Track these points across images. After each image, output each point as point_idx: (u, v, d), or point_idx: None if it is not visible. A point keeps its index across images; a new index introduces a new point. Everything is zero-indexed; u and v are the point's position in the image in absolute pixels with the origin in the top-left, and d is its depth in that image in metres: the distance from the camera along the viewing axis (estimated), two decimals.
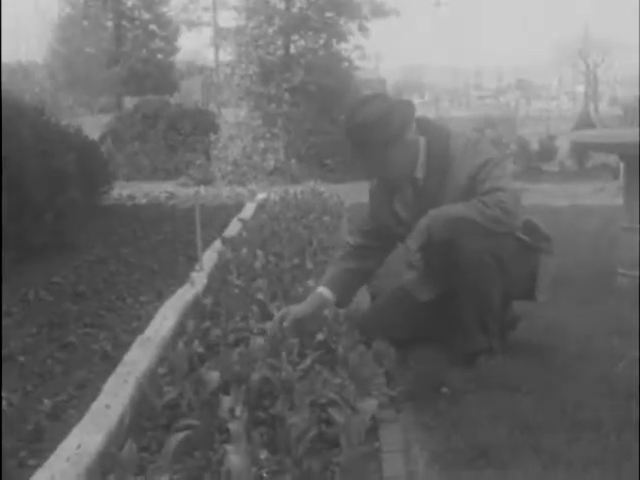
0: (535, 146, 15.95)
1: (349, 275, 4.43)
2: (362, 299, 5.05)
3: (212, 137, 15.82)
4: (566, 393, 3.68)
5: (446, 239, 3.90)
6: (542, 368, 4.03)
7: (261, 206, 9.90)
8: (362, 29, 16.57)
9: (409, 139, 4.04)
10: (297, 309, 4.23)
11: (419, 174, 4.11)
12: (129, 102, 21.67)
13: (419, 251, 3.97)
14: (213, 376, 3.60)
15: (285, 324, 4.11)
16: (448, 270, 4.06)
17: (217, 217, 9.31)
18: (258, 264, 5.86)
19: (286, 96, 15.46)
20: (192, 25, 20.08)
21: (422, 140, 4.11)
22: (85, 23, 36.40)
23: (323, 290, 4.33)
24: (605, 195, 11.45)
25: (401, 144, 4.01)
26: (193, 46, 43.26)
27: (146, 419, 3.43)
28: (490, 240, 3.90)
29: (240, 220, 8.46)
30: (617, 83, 47.78)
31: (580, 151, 15.09)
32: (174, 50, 40.86)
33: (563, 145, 15.95)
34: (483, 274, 3.98)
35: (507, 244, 4.01)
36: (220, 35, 17.63)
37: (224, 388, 3.55)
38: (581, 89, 48.34)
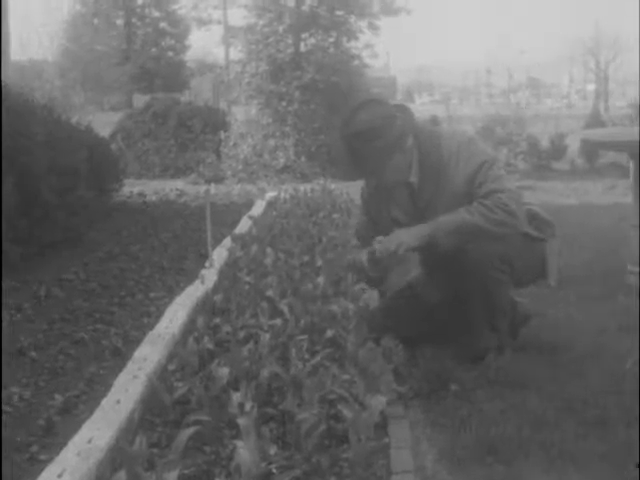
0: (545, 144, 15.92)
1: None
2: (370, 295, 5.06)
3: (222, 135, 15.84)
4: (574, 390, 3.69)
5: (453, 246, 3.87)
6: (551, 365, 4.04)
7: (271, 204, 9.92)
8: (372, 27, 16.56)
9: (408, 145, 3.98)
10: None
11: (413, 179, 4.04)
12: (139, 100, 21.69)
13: (415, 250, 3.92)
14: (223, 372, 3.62)
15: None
16: (453, 275, 4.06)
17: (227, 215, 9.34)
18: (268, 261, 5.88)
19: (296, 94, 15.45)
20: (202, 23, 20.02)
21: (413, 143, 4.04)
22: (96, 21, 36.51)
23: None
24: (615, 193, 11.44)
25: (401, 151, 3.94)
26: (203, 44, 43.32)
27: (156, 415, 3.45)
28: (496, 243, 3.90)
29: (250, 218, 8.48)
30: (627, 82, 47.57)
31: (590, 149, 15.07)
32: (184, 48, 40.98)
33: (573, 143, 15.92)
34: (491, 278, 3.98)
35: (513, 244, 3.99)
36: (230, 33, 17.64)
37: (234, 384, 3.57)
38: (591, 88, 48.22)
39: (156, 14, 40.77)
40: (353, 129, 3.89)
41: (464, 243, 3.86)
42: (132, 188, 12.11)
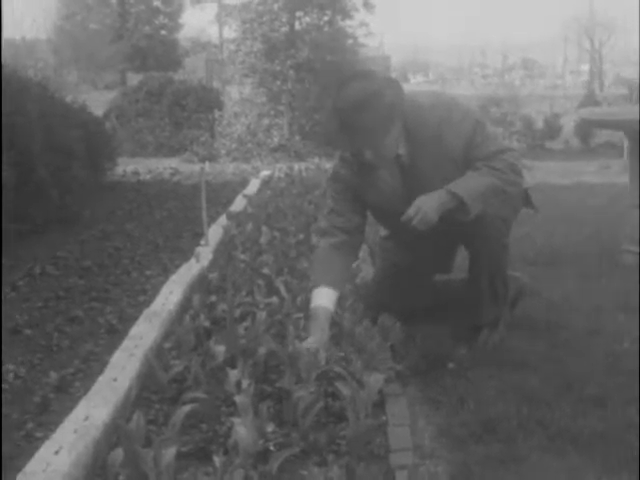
0: (540, 124, 15.95)
1: (347, 270, 4.18)
2: (367, 274, 5.03)
3: (216, 114, 15.82)
4: (572, 369, 3.69)
5: (479, 212, 3.71)
6: (548, 344, 4.04)
7: (266, 182, 9.90)
8: (367, 6, 16.47)
9: (397, 118, 3.79)
10: (315, 342, 3.67)
11: (401, 150, 3.87)
12: (132, 78, 21.64)
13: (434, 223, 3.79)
14: (219, 350, 3.61)
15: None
16: (465, 243, 4.05)
17: (222, 193, 9.33)
18: (263, 239, 5.87)
19: (291, 73, 15.40)
20: (196, 1, 19.90)
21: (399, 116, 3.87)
22: None
23: (327, 296, 3.89)
24: (610, 173, 11.43)
25: (391, 124, 3.76)
26: (197, 23, 43.14)
27: (153, 392, 3.44)
28: (505, 206, 3.87)
29: (245, 196, 8.46)
30: (623, 62, 47.49)
31: (585, 129, 15.09)
32: (178, 27, 40.81)
33: (568, 123, 15.95)
34: (500, 244, 3.96)
35: (513, 202, 3.98)
36: (224, 11, 17.54)
37: (230, 362, 3.56)
38: (586, 68, 48.11)
39: None
40: (351, 100, 3.70)
41: (487, 207, 3.75)
42: (126, 167, 12.08)
